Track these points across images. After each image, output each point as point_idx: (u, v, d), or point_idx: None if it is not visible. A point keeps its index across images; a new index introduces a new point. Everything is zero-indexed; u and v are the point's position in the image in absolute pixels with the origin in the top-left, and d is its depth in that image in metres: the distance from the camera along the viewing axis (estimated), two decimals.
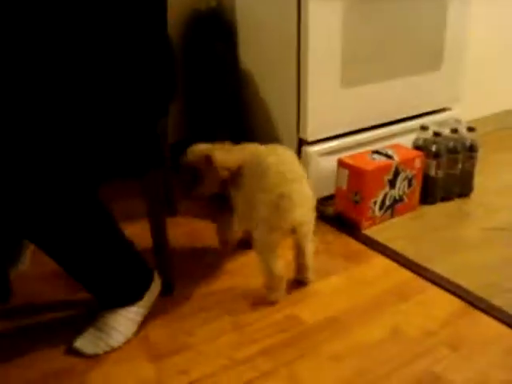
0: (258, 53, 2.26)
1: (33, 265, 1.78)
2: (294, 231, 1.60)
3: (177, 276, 1.71)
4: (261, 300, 1.65)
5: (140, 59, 1.39)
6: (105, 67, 1.32)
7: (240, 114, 2.39)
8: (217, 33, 2.29)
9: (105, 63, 1.32)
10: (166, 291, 1.65)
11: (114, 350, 1.47)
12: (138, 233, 1.61)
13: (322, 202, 2.16)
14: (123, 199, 1.33)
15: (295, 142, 2.14)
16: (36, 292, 1.69)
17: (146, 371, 1.41)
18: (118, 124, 1.39)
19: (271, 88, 2.23)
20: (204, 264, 1.85)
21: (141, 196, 1.61)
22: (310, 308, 1.62)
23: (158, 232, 1.63)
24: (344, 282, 1.75)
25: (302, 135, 2.11)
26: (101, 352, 1.46)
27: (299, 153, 2.13)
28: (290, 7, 1.97)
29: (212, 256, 1.89)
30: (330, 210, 2.14)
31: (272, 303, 1.63)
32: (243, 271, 1.80)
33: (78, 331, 1.49)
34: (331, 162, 2.09)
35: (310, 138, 2.11)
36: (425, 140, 2.18)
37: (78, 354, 1.46)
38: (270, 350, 1.46)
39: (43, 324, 1.58)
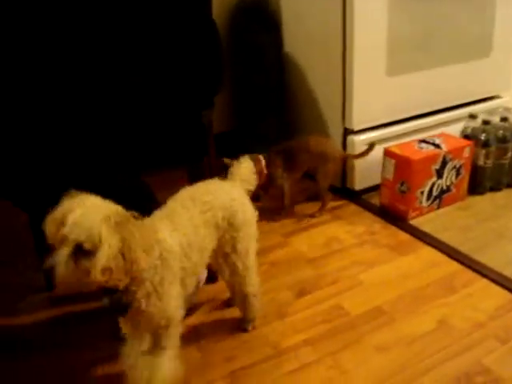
0: (302, 43, 2.25)
1: None
2: None
3: None
4: (305, 291, 1.66)
5: (188, 51, 1.40)
6: (154, 58, 1.34)
7: (285, 104, 2.39)
8: (261, 23, 2.28)
9: (154, 54, 1.34)
10: (210, 279, 1.67)
11: None
12: None
13: (368, 192, 2.14)
14: (169, 189, 1.33)
15: (341, 132, 2.12)
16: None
17: (194, 358, 1.43)
18: (165, 114, 1.40)
19: (316, 77, 2.21)
20: None
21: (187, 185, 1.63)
22: (354, 299, 1.61)
23: None
24: (390, 272, 1.73)
25: (347, 124, 2.10)
26: None
27: (344, 142, 2.12)
28: None
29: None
30: (376, 200, 2.12)
31: None
32: (289, 263, 1.80)
33: None
34: (377, 152, 2.07)
35: (356, 127, 2.09)
36: (473, 129, 2.13)
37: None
38: (314, 341, 1.46)
39: (90, 311, 1.62)
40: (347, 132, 2.10)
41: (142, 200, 1.42)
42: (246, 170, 1.45)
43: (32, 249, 1.65)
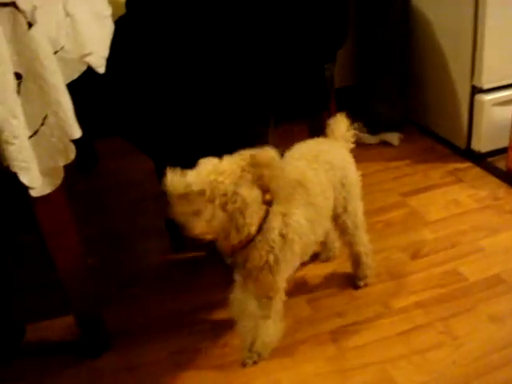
0: None
1: None
2: None
3: None
4: (420, 254, 1.63)
5: (314, 3, 1.38)
6: (280, 12, 1.34)
7: (409, 60, 2.30)
8: None
9: (280, 7, 1.34)
10: None
11: None
12: None
13: (495, 156, 2.04)
14: (288, 142, 1.35)
15: (468, 90, 2.02)
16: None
17: (303, 310, 1.47)
18: (288, 66, 1.40)
19: (444, 30, 2.10)
20: None
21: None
22: (473, 265, 1.57)
23: None
24: None
25: (475, 82, 1.98)
26: None
27: (471, 102, 2.01)
28: None
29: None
30: (502, 164, 2.01)
31: None
32: (406, 224, 1.77)
33: None
34: (506, 113, 1.95)
35: (485, 86, 1.98)
36: None
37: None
38: (426, 304, 1.45)
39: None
40: (475, 91, 2.00)
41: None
42: (344, 127, 1.41)
43: (157, 195, 1.74)
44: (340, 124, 1.41)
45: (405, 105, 2.27)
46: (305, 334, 1.39)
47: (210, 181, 1.08)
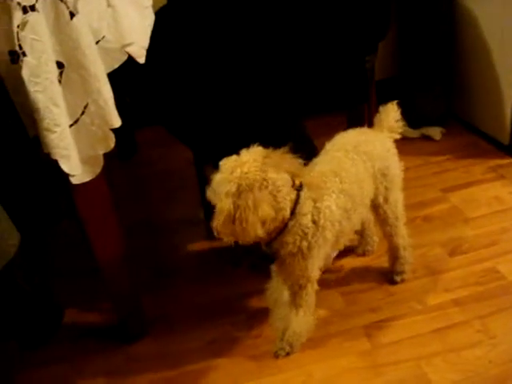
0: None
1: None
2: None
3: None
4: (459, 250, 1.60)
5: None
6: (324, 2, 1.33)
7: (453, 54, 2.25)
8: None
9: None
10: None
11: None
12: None
13: None
14: (327, 134, 1.34)
15: None
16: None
17: (337, 303, 1.47)
18: (330, 57, 1.40)
19: (489, 25, 2.04)
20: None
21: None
22: None
23: None
24: None
25: None
26: None
27: None
28: None
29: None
30: None
31: None
32: (445, 219, 1.74)
33: None
34: None
35: None
36: None
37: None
38: (463, 302, 1.42)
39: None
40: None
41: (299, 143, 1.44)
42: (393, 117, 1.40)
43: (195, 185, 1.76)
44: (390, 113, 1.40)
45: (448, 99, 2.22)
46: (338, 328, 1.39)
47: (238, 176, 1.10)
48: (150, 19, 1.22)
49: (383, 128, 1.39)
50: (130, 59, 1.12)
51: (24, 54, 0.95)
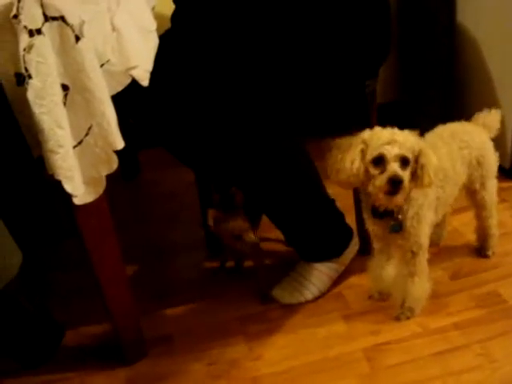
0: (478, 9, 2.10)
1: None
2: None
3: None
4: (461, 274, 1.61)
5: (357, 19, 1.39)
6: (323, 26, 1.35)
7: (453, 78, 2.27)
8: None
9: (323, 22, 1.35)
10: (364, 251, 1.67)
11: (307, 302, 1.54)
12: (342, 192, 1.62)
13: None
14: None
15: None
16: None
17: (338, 326, 1.46)
18: (330, 82, 1.41)
19: (490, 48, 2.07)
20: None
21: None
22: None
23: (358, 192, 1.63)
24: None
25: None
26: (295, 302, 1.54)
27: None
28: None
29: None
30: None
31: None
32: (446, 242, 1.74)
33: (276, 280, 1.59)
34: None
35: None
36: None
37: (274, 301, 1.56)
38: (464, 325, 1.42)
39: (242, 272, 1.71)
40: None
41: (299, 167, 1.46)
42: (492, 119, 1.57)
43: (197, 206, 1.77)
44: (492, 116, 1.57)
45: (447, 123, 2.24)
46: (338, 351, 1.39)
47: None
48: (154, 43, 1.24)
49: (480, 123, 1.55)
50: (134, 82, 1.13)
51: (30, 77, 0.97)
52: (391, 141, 1.23)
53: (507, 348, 1.34)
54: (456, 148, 1.44)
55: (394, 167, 1.22)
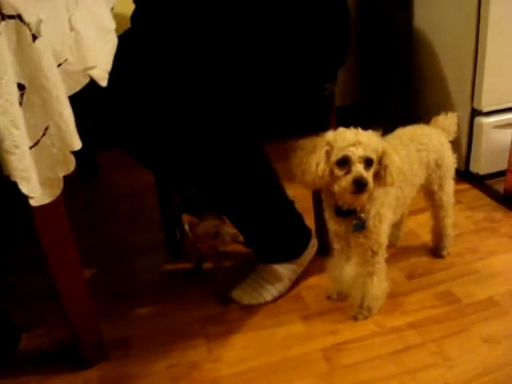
0: (433, 15, 2.15)
1: None
2: None
3: None
4: (416, 274, 1.64)
5: (316, 22, 1.40)
6: (282, 29, 1.36)
7: (410, 80, 2.32)
8: None
9: (282, 25, 1.36)
10: (323, 252, 1.69)
11: (267, 303, 1.55)
12: (301, 193, 1.64)
13: (493, 178, 2.05)
14: (285, 159, 1.36)
15: (468, 112, 2.03)
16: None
17: (297, 327, 1.47)
18: (288, 84, 1.42)
19: (445, 52, 2.12)
20: None
21: None
22: (467, 287, 1.57)
23: (319, 194, 1.65)
24: (507, 263, 1.66)
25: (475, 105, 2.00)
26: (255, 303, 1.55)
27: (471, 124, 2.03)
28: None
29: None
30: (500, 187, 2.02)
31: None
32: (403, 244, 1.77)
33: (235, 282, 1.59)
34: (505, 136, 1.96)
35: (485, 109, 2.00)
36: None
37: (233, 302, 1.57)
38: (419, 324, 1.45)
39: (201, 273, 1.71)
40: (475, 113, 2.01)
41: (258, 170, 1.46)
42: (450, 122, 1.62)
43: (156, 208, 1.76)
44: (449, 119, 1.62)
45: (405, 125, 2.28)
46: (297, 351, 1.40)
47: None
48: (113, 43, 1.23)
49: (438, 126, 1.60)
50: (92, 82, 1.12)
51: None
52: (355, 142, 1.25)
53: (461, 346, 1.37)
54: (414, 150, 1.48)
55: (358, 168, 1.24)
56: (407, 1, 2.23)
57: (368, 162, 1.26)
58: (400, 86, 2.32)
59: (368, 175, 1.25)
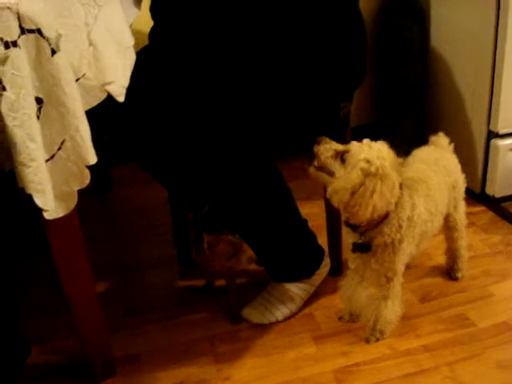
0: (450, 36, 2.15)
1: None
2: None
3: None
4: (430, 297, 1.62)
5: (333, 42, 1.41)
6: (299, 48, 1.37)
7: (426, 99, 2.31)
8: (409, 14, 2.22)
9: (299, 44, 1.36)
10: (335, 272, 1.68)
11: (278, 322, 1.54)
12: (314, 212, 1.64)
13: (509, 201, 2.03)
14: (299, 177, 1.36)
15: (484, 134, 2.02)
16: None
17: (308, 348, 1.46)
18: (304, 103, 1.42)
19: (462, 74, 2.11)
20: None
21: None
22: (481, 310, 1.55)
23: (333, 213, 1.65)
24: None
25: (492, 127, 1.99)
26: (266, 322, 1.54)
27: (487, 146, 2.02)
28: None
29: None
30: None
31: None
32: (415, 266, 1.75)
33: (247, 300, 1.58)
34: None
35: (502, 131, 1.98)
36: None
37: (244, 321, 1.56)
38: (433, 348, 1.43)
39: (213, 291, 1.70)
40: (491, 135, 2.00)
41: (272, 188, 1.46)
42: (445, 142, 1.60)
43: (169, 224, 1.76)
44: (442, 138, 1.60)
45: (420, 145, 2.28)
46: (308, 372, 1.38)
47: (376, 159, 1.26)
48: (130, 59, 1.24)
49: (440, 146, 1.58)
50: (109, 97, 1.13)
51: (4, 89, 0.95)
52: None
53: (475, 371, 1.35)
54: (441, 175, 1.47)
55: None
56: (423, 18, 2.23)
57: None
58: (415, 106, 2.31)
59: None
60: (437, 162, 1.49)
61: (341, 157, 1.30)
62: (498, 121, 1.96)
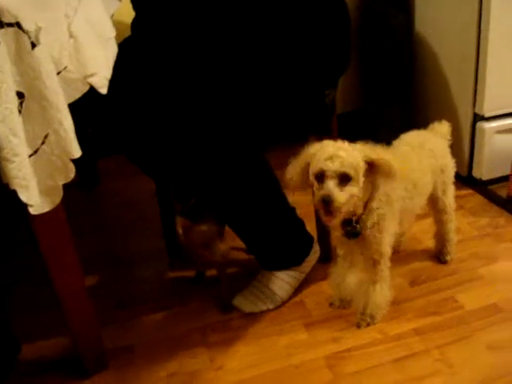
0: (434, 21, 2.15)
1: None
2: None
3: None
4: (419, 280, 1.63)
5: (317, 29, 1.40)
6: (281, 33, 1.36)
7: (412, 84, 2.32)
8: (392, 0, 2.21)
9: (283, 31, 1.36)
10: (325, 259, 1.68)
11: (269, 310, 1.54)
12: (302, 199, 1.64)
13: (496, 184, 2.04)
14: (286, 166, 1.36)
15: (470, 117, 2.03)
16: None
17: (299, 334, 1.46)
18: (289, 90, 1.42)
19: (447, 58, 2.12)
20: None
21: None
22: (470, 293, 1.56)
23: None
24: (511, 269, 1.65)
25: (477, 110, 2.00)
26: (257, 311, 1.54)
27: (473, 129, 2.02)
28: None
29: None
30: (503, 192, 2.01)
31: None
32: (404, 250, 1.77)
33: (238, 289, 1.59)
34: (508, 141, 1.96)
35: (487, 114, 1.99)
36: None
37: (235, 310, 1.56)
38: (423, 331, 1.44)
39: (203, 281, 1.71)
40: (477, 118, 2.01)
41: (260, 177, 1.46)
42: (444, 129, 1.62)
43: (158, 216, 1.75)
44: (443, 127, 1.62)
45: (407, 130, 2.28)
46: (300, 359, 1.39)
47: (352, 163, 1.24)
48: (112, 50, 1.23)
49: (435, 133, 1.60)
50: (92, 89, 1.12)
51: None
52: (333, 156, 1.22)
53: (465, 353, 1.36)
54: (425, 157, 1.48)
55: (329, 186, 1.22)
56: (408, 4, 2.23)
57: (344, 178, 1.22)
58: (402, 92, 2.32)
59: (340, 193, 1.22)
60: (421, 144, 1.50)
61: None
62: (483, 104, 1.96)
